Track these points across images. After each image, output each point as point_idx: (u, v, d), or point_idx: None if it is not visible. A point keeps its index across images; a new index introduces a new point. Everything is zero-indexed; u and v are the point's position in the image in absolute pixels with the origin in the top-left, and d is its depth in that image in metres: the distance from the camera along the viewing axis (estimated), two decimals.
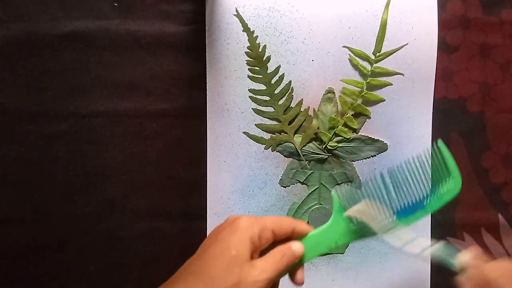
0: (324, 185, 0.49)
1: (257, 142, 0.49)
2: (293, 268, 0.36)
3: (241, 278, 0.32)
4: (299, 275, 0.37)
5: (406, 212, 0.38)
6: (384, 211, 0.38)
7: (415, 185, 0.39)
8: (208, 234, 0.48)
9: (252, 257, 0.33)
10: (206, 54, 0.48)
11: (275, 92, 0.48)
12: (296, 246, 0.36)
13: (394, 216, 0.38)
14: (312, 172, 0.49)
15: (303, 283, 0.37)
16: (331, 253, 0.49)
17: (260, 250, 0.35)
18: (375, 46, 0.48)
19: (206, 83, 0.48)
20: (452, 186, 0.38)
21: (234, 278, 0.32)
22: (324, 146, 0.49)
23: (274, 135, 0.49)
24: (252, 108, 0.48)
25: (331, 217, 0.38)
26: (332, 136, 0.49)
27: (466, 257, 0.33)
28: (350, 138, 0.49)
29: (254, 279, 0.32)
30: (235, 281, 0.32)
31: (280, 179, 0.49)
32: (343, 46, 0.48)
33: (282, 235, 0.36)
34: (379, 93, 0.49)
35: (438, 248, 0.35)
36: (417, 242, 0.36)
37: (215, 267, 0.32)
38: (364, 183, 0.38)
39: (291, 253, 0.35)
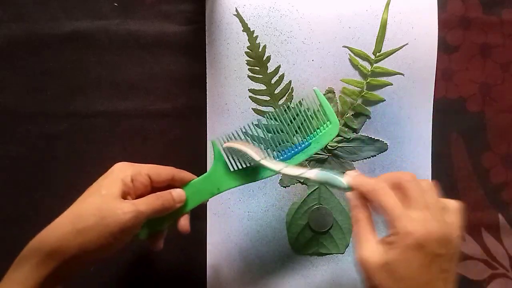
0: (324, 185, 0.49)
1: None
2: (177, 215, 0.38)
3: (108, 212, 0.34)
4: (183, 221, 0.39)
5: (283, 157, 0.40)
6: (261, 147, 0.40)
7: (291, 131, 0.41)
8: (207, 233, 0.48)
9: (123, 198, 0.35)
10: (206, 54, 0.48)
11: (275, 92, 0.48)
12: (177, 192, 0.38)
13: (267, 156, 0.39)
14: None
15: (188, 231, 0.39)
16: (331, 253, 0.49)
17: (138, 195, 0.37)
18: (375, 46, 0.48)
19: (206, 83, 0.48)
20: (330, 128, 0.40)
21: (102, 212, 0.34)
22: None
23: None
24: (252, 108, 0.48)
25: (212, 164, 0.40)
26: None
27: (348, 177, 0.35)
28: (350, 138, 0.49)
29: (123, 211, 0.34)
30: (103, 215, 0.34)
31: (280, 179, 0.49)
32: (343, 46, 0.48)
33: (160, 182, 0.38)
34: (379, 93, 0.49)
35: (317, 172, 0.37)
36: (292, 168, 0.38)
37: (85, 205, 0.35)
38: (241, 130, 0.40)
39: (169, 197, 0.37)
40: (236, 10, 0.47)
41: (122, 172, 0.36)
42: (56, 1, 0.48)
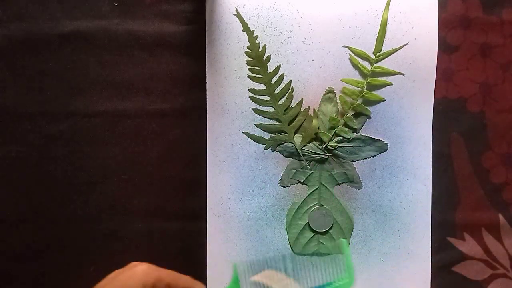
0: (324, 185, 0.49)
1: (257, 142, 0.49)
2: None
3: None
4: None
5: None
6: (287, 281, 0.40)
7: (312, 275, 0.41)
8: (207, 233, 0.48)
9: None
10: (206, 54, 0.48)
11: (275, 92, 0.48)
12: None
13: None
14: (312, 172, 0.49)
15: None
16: (331, 253, 0.49)
17: None
18: (376, 45, 0.48)
19: (206, 83, 0.48)
20: (346, 282, 0.41)
21: None
22: (324, 146, 0.49)
23: (274, 135, 0.49)
24: (252, 108, 0.48)
25: (229, 285, 0.40)
26: (332, 136, 0.49)
27: None
28: (350, 138, 0.49)
29: None
30: None
31: (280, 179, 0.49)
32: (343, 46, 0.48)
33: None
34: (379, 93, 0.49)
35: None
36: None
37: None
38: (267, 260, 0.41)
39: None
40: (236, 10, 0.47)
41: (145, 277, 0.37)
42: (55, 1, 0.48)
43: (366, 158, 0.49)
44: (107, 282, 0.37)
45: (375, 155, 0.49)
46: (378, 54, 0.48)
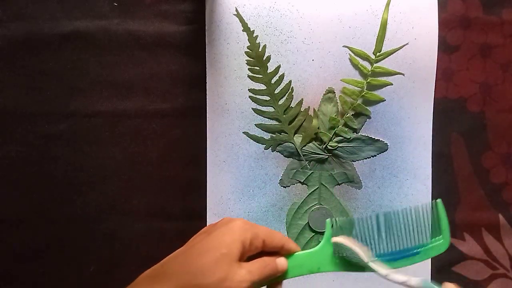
0: (324, 185, 0.49)
1: (257, 142, 0.49)
2: (272, 282, 0.37)
3: (228, 275, 0.33)
4: None
5: (389, 257, 0.39)
6: (367, 252, 0.38)
7: (406, 236, 0.39)
8: None
9: (239, 260, 0.34)
10: (206, 54, 0.48)
11: (275, 92, 0.48)
12: (281, 261, 0.37)
13: (375, 258, 0.38)
14: (312, 172, 0.49)
15: None
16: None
17: (247, 257, 0.36)
18: (376, 45, 0.48)
19: (206, 83, 0.48)
20: (440, 244, 0.39)
21: (222, 273, 0.32)
22: (324, 146, 0.49)
23: (274, 135, 0.49)
24: (252, 108, 0.48)
25: (320, 244, 0.39)
26: (332, 136, 0.49)
27: None
28: (350, 138, 0.49)
29: (240, 278, 0.33)
30: (222, 277, 0.32)
31: (280, 179, 0.49)
32: (343, 46, 0.48)
33: (271, 248, 0.37)
34: (379, 93, 0.49)
35: (419, 281, 0.36)
36: (396, 275, 0.37)
37: (205, 259, 0.33)
38: (358, 219, 0.39)
39: (274, 266, 0.36)
40: (236, 10, 0.47)
41: (243, 233, 0.35)
42: (55, 1, 0.48)
43: (366, 158, 0.49)
44: (202, 237, 0.35)
45: (375, 155, 0.49)
46: (378, 54, 0.48)
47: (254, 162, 0.49)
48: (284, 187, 0.49)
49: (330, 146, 0.49)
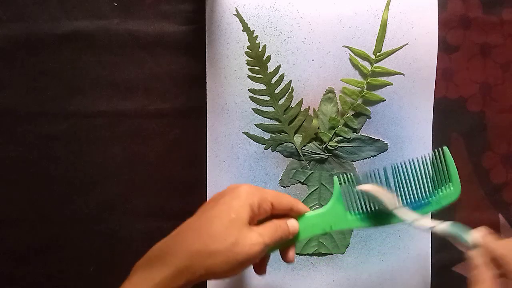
0: (324, 185, 0.49)
1: (257, 142, 0.49)
2: (285, 245, 0.37)
3: (239, 239, 0.33)
4: (290, 253, 0.38)
5: None
6: (392, 200, 0.38)
7: (415, 186, 0.40)
8: None
9: (249, 224, 0.35)
10: (206, 54, 0.48)
11: (275, 92, 0.48)
12: (292, 223, 0.37)
13: (401, 205, 0.38)
14: (312, 172, 0.49)
15: (293, 261, 0.38)
16: (331, 253, 0.49)
17: (257, 221, 0.36)
18: (376, 45, 0.48)
19: (206, 83, 0.48)
20: (451, 191, 0.39)
21: (233, 238, 0.33)
22: (324, 146, 0.49)
23: (274, 135, 0.49)
24: (252, 108, 0.48)
25: (330, 201, 0.39)
26: (332, 136, 0.49)
27: (478, 234, 0.34)
28: (350, 138, 0.49)
29: (251, 241, 0.33)
30: (233, 241, 0.33)
31: (280, 179, 0.49)
32: (343, 46, 0.48)
33: (280, 210, 0.37)
34: (379, 93, 0.49)
35: (447, 226, 0.36)
36: (424, 220, 0.37)
37: (215, 226, 0.33)
38: (366, 174, 0.39)
39: (286, 228, 0.36)
40: (236, 10, 0.47)
41: (250, 197, 0.35)
42: (55, 1, 0.48)
43: (366, 158, 0.49)
44: (212, 205, 0.35)
45: (375, 155, 0.49)
46: (378, 54, 0.48)
47: (254, 162, 0.49)
48: (284, 187, 0.49)
49: (330, 146, 0.49)
